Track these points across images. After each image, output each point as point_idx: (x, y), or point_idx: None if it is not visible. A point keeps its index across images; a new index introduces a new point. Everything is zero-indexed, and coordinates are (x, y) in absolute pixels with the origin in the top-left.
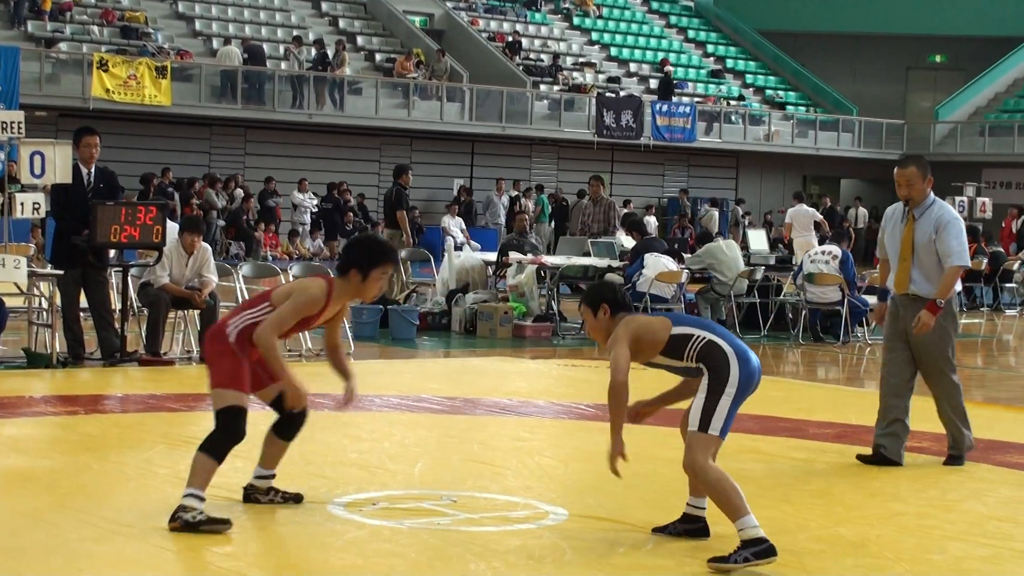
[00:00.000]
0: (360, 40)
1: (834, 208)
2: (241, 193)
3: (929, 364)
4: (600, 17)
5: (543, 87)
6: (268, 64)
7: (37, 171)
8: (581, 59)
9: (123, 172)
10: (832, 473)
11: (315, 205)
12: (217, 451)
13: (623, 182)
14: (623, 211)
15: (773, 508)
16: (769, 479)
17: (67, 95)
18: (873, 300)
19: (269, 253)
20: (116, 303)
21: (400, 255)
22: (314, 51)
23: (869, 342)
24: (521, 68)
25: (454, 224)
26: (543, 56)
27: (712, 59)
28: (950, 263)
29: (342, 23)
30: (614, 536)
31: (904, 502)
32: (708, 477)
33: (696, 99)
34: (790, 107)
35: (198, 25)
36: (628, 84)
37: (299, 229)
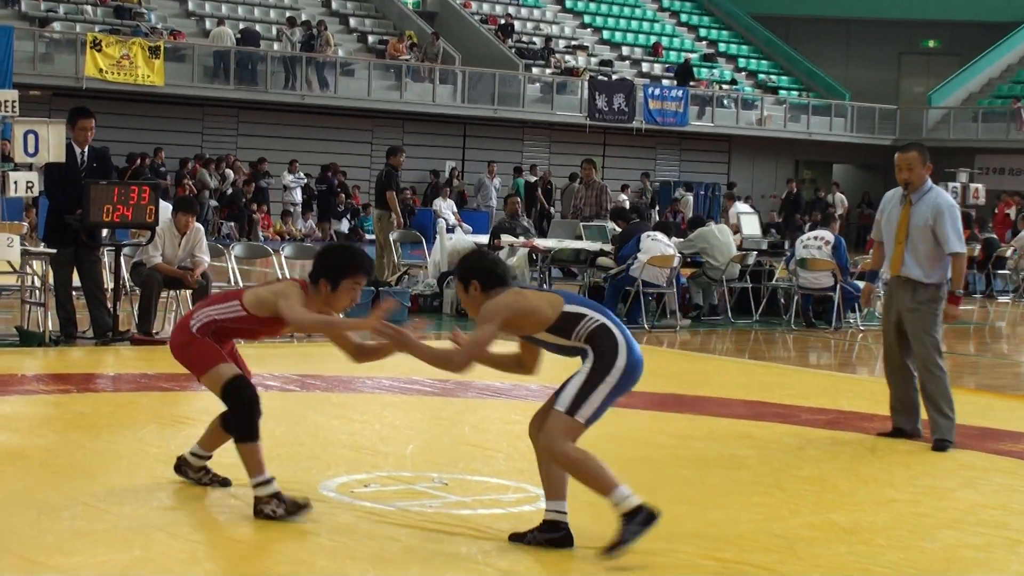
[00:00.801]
0: (353, 21)
1: (819, 195)
2: (232, 175)
3: (917, 346)
4: (593, 0)
5: (535, 70)
6: (261, 45)
7: (31, 150)
8: (574, 42)
9: (116, 152)
10: (824, 459)
11: (305, 186)
12: (248, 430)
13: (615, 165)
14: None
15: (765, 494)
16: (761, 465)
17: (60, 74)
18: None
19: (261, 234)
20: (108, 282)
21: (392, 236)
22: (301, 32)
23: (861, 328)
24: (513, 51)
25: (446, 206)
26: (535, 39)
27: (705, 43)
28: (949, 249)
29: (335, 4)
30: (605, 520)
31: (897, 489)
32: (570, 458)
33: (689, 83)
34: (782, 91)
35: (191, 5)
36: (620, 67)
37: (291, 210)
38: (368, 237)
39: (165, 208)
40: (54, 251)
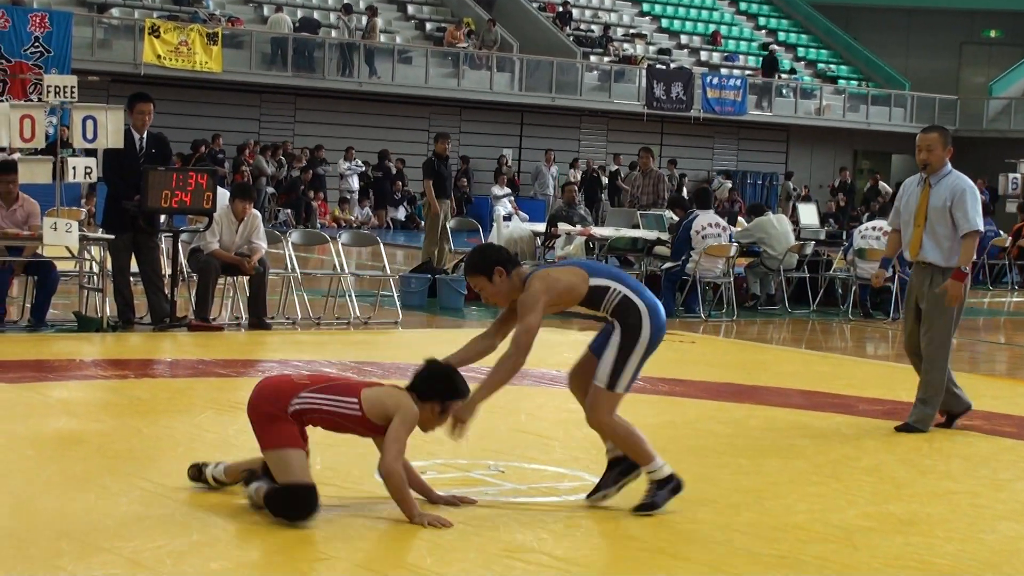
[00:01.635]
0: (411, 9)
1: (876, 185)
2: (286, 163)
3: (929, 331)
4: None
5: (593, 58)
6: (319, 32)
7: (89, 136)
8: (632, 30)
9: (173, 138)
10: (882, 450)
11: (362, 174)
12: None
13: (673, 155)
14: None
15: (822, 484)
16: (818, 455)
17: (119, 60)
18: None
19: (318, 221)
20: (166, 268)
21: (449, 224)
22: (364, 19)
23: None
24: (571, 39)
25: (502, 194)
26: (593, 27)
27: (764, 32)
28: (966, 228)
29: None
30: (661, 509)
31: (955, 480)
32: (618, 432)
33: (747, 72)
34: (842, 81)
35: None
36: (679, 56)
37: (348, 197)
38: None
39: (223, 195)
40: (112, 237)
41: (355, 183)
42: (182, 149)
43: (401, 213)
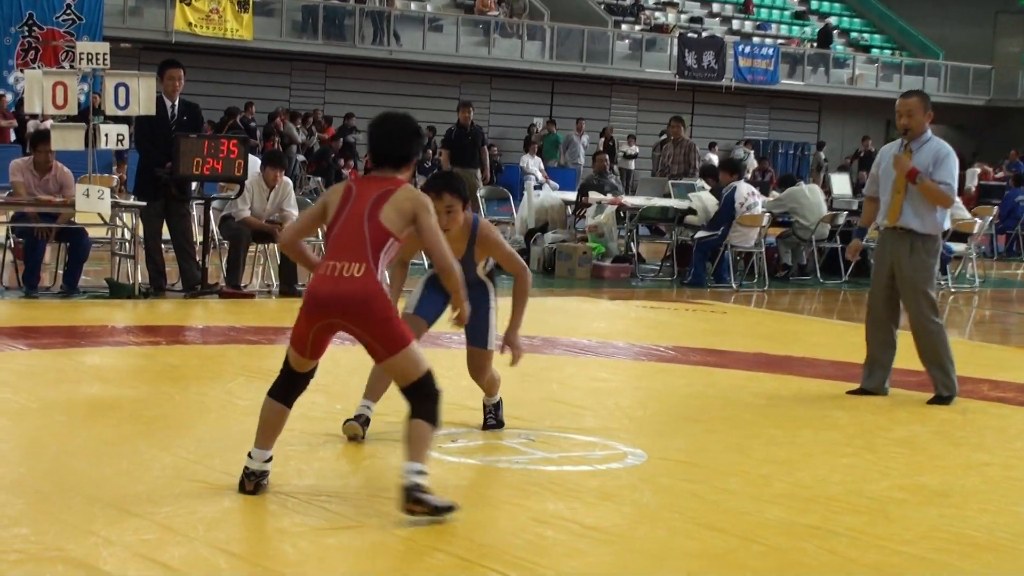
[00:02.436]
0: None
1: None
2: (316, 129)
3: (910, 301)
4: None
5: (624, 26)
6: (350, 0)
7: (121, 103)
8: None
9: (204, 106)
10: (915, 421)
11: None
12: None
13: (704, 124)
14: (710, 156)
15: (855, 456)
16: (851, 426)
17: (150, 28)
18: (958, 247)
19: None
20: (198, 235)
21: (479, 193)
22: None
23: (952, 289)
24: (602, 7)
25: (533, 163)
26: None
27: (796, 0)
28: (947, 183)
29: None
30: (693, 478)
31: (989, 452)
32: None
33: (779, 41)
34: (875, 50)
35: None
36: (711, 24)
37: None
38: None
39: (254, 162)
40: (144, 204)
41: None
42: (212, 117)
43: None
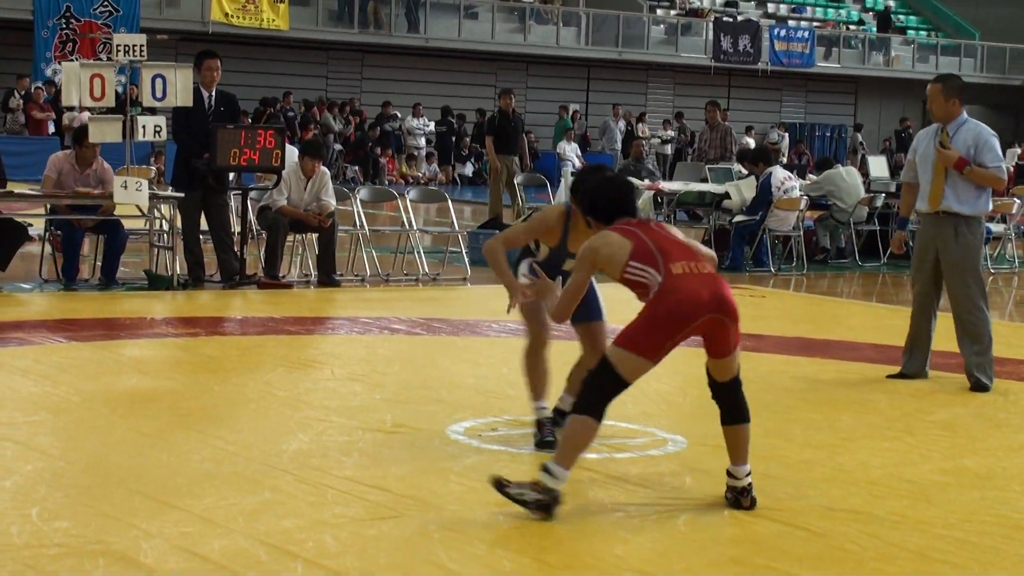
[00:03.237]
0: None
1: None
2: (352, 121)
3: (958, 285)
4: None
5: (660, 11)
6: None
7: (158, 94)
8: None
9: (241, 96)
10: (956, 404)
11: (430, 131)
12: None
13: (740, 107)
14: (746, 140)
15: (896, 439)
16: (891, 409)
17: (187, 19)
18: (997, 228)
19: (386, 177)
20: (236, 226)
21: (517, 180)
22: None
23: (992, 271)
24: None
25: (570, 149)
26: None
27: None
28: (995, 165)
29: None
30: None
31: None
32: None
33: (815, 23)
34: (910, 31)
35: None
36: (746, 8)
37: (415, 153)
38: None
39: (291, 152)
40: (182, 195)
41: (422, 140)
42: (249, 107)
43: (468, 169)
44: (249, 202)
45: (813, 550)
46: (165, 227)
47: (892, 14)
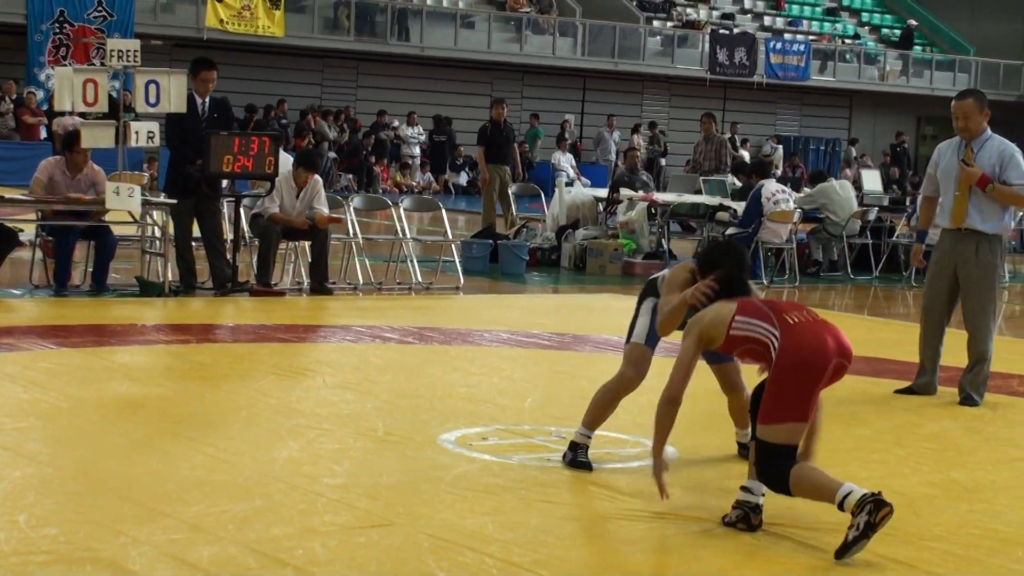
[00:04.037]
0: None
1: None
2: (347, 129)
3: (974, 301)
4: None
5: (656, 23)
6: None
7: (152, 100)
8: None
9: (236, 103)
10: (945, 416)
11: (424, 140)
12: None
13: (735, 120)
14: (741, 153)
15: (885, 451)
16: (881, 421)
17: (181, 24)
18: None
19: (380, 186)
20: (228, 233)
21: (511, 189)
22: None
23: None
24: (634, 3)
25: (564, 160)
26: None
27: None
28: (1019, 193)
29: None
30: (724, 474)
31: (1020, 447)
32: None
33: (811, 37)
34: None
35: None
36: (742, 20)
37: (409, 162)
38: None
39: (285, 159)
40: (174, 201)
41: (417, 149)
42: (240, 115)
43: (463, 178)
44: (242, 209)
45: (802, 561)
46: (157, 233)
47: (887, 28)
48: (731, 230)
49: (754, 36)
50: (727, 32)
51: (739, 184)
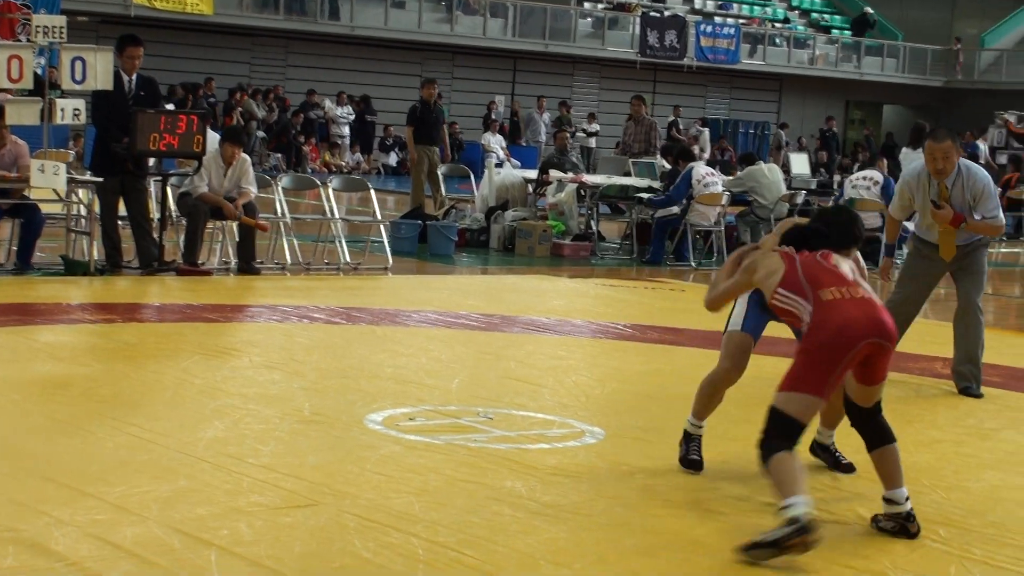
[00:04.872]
0: None
1: (870, 136)
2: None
3: (970, 291)
4: None
5: (587, 4)
6: None
7: (78, 77)
8: None
9: (163, 81)
10: None
11: (353, 119)
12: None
13: (665, 103)
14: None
15: (809, 433)
16: None
17: (108, 1)
18: (912, 226)
19: (309, 165)
20: (155, 212)
21: (440, 170)
22: None
23: None
24: None
25: (494, 141)
26: None
27: None
28: (994, 216)
29: None
30: (651, 455)
31: (941, 430)
32: None
33: (741, 21)
34: (835, 31)
35: None
36: (673, 3)
37: (338, 142)
38: None
39: (213, 138)
40: (100, 179)
41: (346, 129)
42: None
43: (392, 159)
44: (169, 188)
45: (727, 540)
46: (83, 212)
47: (816, 12)
48: (660, 212)
49: (684, 19)
50: (658, 15)
51: (668, 166)
